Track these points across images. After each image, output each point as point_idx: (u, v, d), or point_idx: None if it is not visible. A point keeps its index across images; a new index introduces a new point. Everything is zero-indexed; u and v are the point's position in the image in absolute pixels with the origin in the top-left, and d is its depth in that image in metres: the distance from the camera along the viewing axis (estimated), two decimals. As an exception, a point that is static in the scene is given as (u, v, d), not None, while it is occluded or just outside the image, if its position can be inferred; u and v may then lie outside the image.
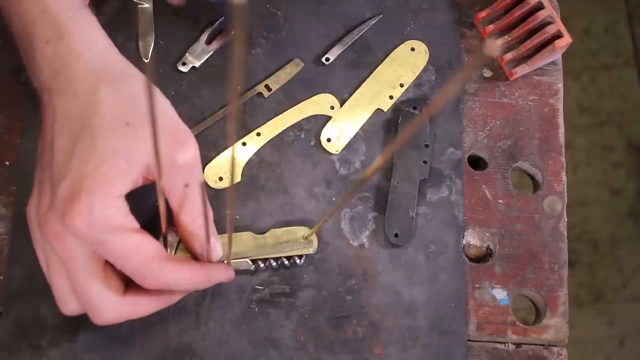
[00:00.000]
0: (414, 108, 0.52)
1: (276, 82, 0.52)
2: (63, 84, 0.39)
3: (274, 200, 0.50)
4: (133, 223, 0.38)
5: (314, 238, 0.48)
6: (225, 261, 0.46)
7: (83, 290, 0.39)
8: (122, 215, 0.37)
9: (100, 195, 0.36)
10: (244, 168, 0.51)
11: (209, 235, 0.41)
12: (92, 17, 0.42)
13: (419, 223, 0.50)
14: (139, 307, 0.41)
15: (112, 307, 0.40)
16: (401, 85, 0.53)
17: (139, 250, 0.38)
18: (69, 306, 0.41)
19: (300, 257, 0.48)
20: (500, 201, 0.52)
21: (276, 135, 0.51)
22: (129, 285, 0.41)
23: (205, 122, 0.51)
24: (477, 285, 0.50)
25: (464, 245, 0.51)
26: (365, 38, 0.54)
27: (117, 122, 0.37)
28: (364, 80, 0.53)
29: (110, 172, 0.37)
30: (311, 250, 0.48)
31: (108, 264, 0.39)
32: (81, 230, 0.36)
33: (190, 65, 0.52)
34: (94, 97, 0.38)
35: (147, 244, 0.39)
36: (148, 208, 0.43)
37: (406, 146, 0.51)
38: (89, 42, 0.41)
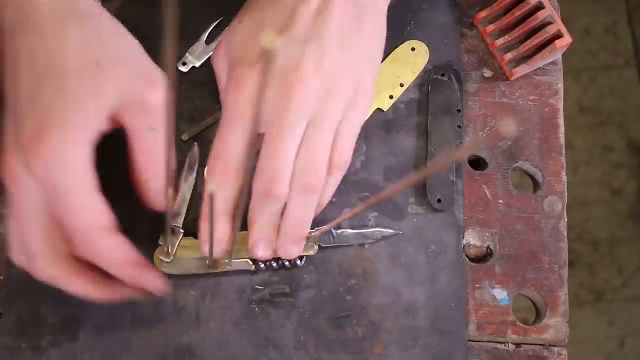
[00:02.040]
0: (442, 75, 0.53)
1: (276, 82, 0.53)
2: (27, 23, 0.37)
3: (274, 200, 0.50)
4: (93, 181, 0.37)
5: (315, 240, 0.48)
6: (226, 261, 0.46)
7: (25, 239, 0.39)
8: (84, 165, 0.36)
9: (64, 138, 0.35)
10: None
11: (168, 186, 0.39)
12: None
13: (419, 222, 0.50)
14: (74, 280, 0.40)
15: (45, 265, 0.39)
16: (401, 85, 0.53)
17: (90, 209, 0.37)
18: (19, 257, 0.41)
19: (300, 258, 0.48)
20: (500, 201, 0.52)
21: (276, 135, 0.51)
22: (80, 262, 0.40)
23: (206, 121, 0.51)
24: (477, 285, 0.50)
25: (464, 245, 0.51)
26: (365, 38, 0.54)
27: (85, 62, 0.36)
28: (364, 80, 0.53)
29: (78, 114, 0.35)
30: (312, 252, 0.48)
31: (58, 226, 0.39)
32: (40, 171, 0.35)
33: (190, 65, 0.52)
34: (60, 35, 0.36)
35: (100, 207, 0.38)
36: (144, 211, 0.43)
37: (439, 113, 0.52)
38: None
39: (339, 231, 0.48)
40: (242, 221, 0.40)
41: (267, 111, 0.40)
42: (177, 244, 0.46)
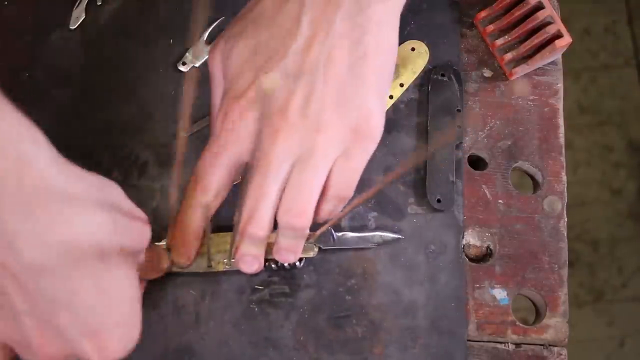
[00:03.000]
0: (442, 75, 0.53)
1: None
2: None
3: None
4: None
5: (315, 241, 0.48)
6: (226, 261, 0.46)
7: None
8: None
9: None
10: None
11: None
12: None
13: (419, 222, 0.50)
14: None
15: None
16: (401, 85, 0.53)
17: None
18: None
19: (300, 259, 0.48)
20: (500, 201, 0.52)
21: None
22: None
23: (204, 120, 0.51)
24: (477, 285, 0.50)
25: (464, 245, 0.51)
26: (365, 38, 0.54)
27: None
28: (364, 80, 0.53)
29: None
30: (311, 254, 0.47)
31: None
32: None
33: (191, 65, 0.52)
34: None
35: None
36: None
37: (439, 113, 0.52)
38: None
39: (340, 234, 0.48)
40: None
41: (253, 144, 0.39)
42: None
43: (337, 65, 0.39)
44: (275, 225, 0.44)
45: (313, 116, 0.38)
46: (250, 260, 0.43)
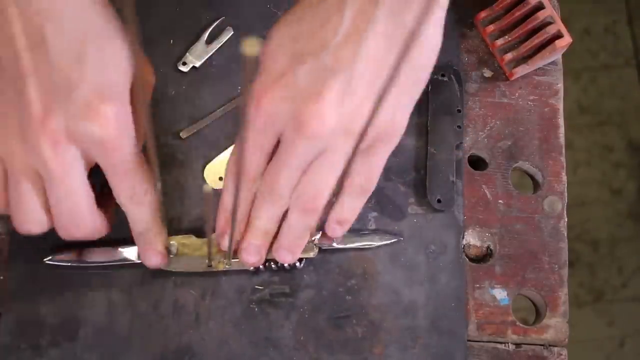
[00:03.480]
0: (442, 75, 0.53)
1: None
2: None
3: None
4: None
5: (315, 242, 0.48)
6: (226, 260, 0.46)
7: (73, 203, 0.40)
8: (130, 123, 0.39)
9: (123, 101, 0.38)
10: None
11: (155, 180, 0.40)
12: None
13: (419, 222, 0.50)
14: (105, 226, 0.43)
15: (94, 222, 0.42)
16: (401, 85, 0.53)
17: (137, 166, 0.40)
18: (38, 225, 0.41)
19: (300, 260, 0.48)
20: (500, 201, 0.52)
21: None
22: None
23: (203, 121, 0.51)
24: (477, 285, 0.50)
25: (464, 245, 0.51)
26: (365, 38, 0.54)
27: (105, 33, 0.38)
28: (364, 80, 0.53)
29: (121, 77, 0.38)
30: (312, 255, 0.47)
31: None
32: (109, 134, 0.37)
33: (191, 65, 0.52)
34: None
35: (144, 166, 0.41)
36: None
37: (439, 113, 0.52)
38: None
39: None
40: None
41: (282, 130, 0.39)
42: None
43: (375, 62, 0.38)
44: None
45: (346, 115, 0.38)
46: (254, 250, 0.44)
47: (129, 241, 0.44)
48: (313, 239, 0.47)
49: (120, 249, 0.47)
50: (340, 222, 0.45)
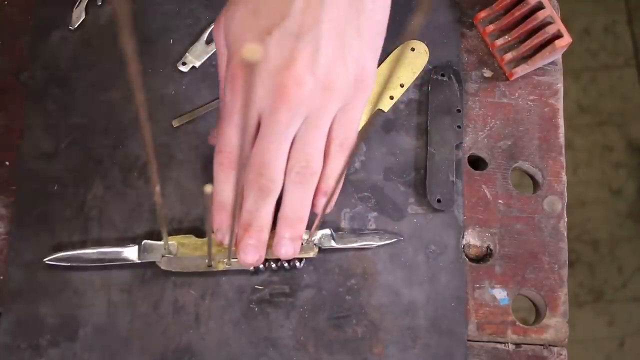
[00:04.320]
0: (442, 75, 0.53)
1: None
2: None
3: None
4: None
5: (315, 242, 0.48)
6: (226, 260, 0.46)
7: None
8: None
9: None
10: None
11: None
12: None
13: (419, 222, 0.50)
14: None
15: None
16: (401, 86, 0.53)
17: None
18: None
19: (300, 260, 0.48)
20: (500, 201, 0.52)
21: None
22: None
23: (196, 111, 0.51)
24: (477, 285, 0.50)
25: (464, 245, 0.51)
26: (365, 38, 0.54)
27: None
28: (364, 80, 0.53)
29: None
30: (312, 254, 0.47)
31: None
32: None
33: (190, 65, 0.52)
34: None
35: None
36: None
37: (439, 113, 0.52)
38: None
39: (339, 234, 0.48)
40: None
41: (262, 107, 0.40)
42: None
43: (337, 21, 0.39)
44: (274, 226, 0.44)
45: (321, 73, 0.39)
46: (252, 249, 0.43)
47: (129, 241, 0.44)
48: (313, 238, 0.48)
49: (120, 249, 0.47)
50: (325, 192, 0.44)
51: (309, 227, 0.44)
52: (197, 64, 0.52)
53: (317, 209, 0.44)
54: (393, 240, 0.49)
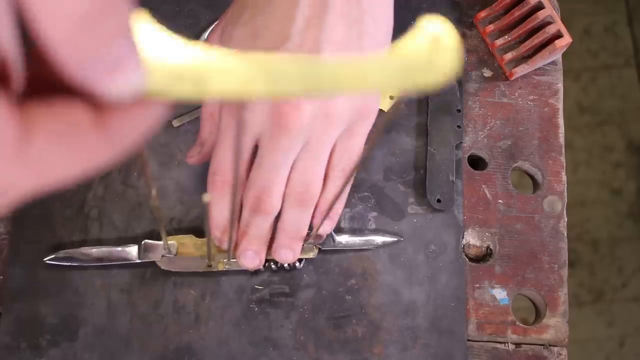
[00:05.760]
0: None
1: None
2: None
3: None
4: None
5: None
6: (226, 260, 0.46)
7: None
8: None
9: None
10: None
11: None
12: None
13: (419, 222, 0.50)
14: None
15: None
16: (401, 85, 0.53)
17: None
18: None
19: (300, 260, 0.48)
20: (500, 201, 0.52)
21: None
22: None
23: (196, 110, 0.51)
24: (477, 285, 0.50)
25: (463, 245, 0.51)
26: (365, 38, 0.54)
27: None
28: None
29: None
30: (311, 255, 0.47)
31: None
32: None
33: (190, 65, 0.52)
34: None
35: None
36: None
37: (439, 113, 0.52)
38: None
39: (339, 236, 0.48)
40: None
41: (260, 131, 0.39)
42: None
43: (337, 44, 0.38)
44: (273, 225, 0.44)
45: (320, 100, 0.38)
46: (252, 255, 0.44)
47: (129, 241, 0.44)
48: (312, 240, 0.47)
49: (120, 249, 0.47)
50: (324, 212, 0.44)
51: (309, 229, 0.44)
52: (197, 64, 0.52)
53: (321, 229, 0.45)
54: (393, 240, 0.49)
